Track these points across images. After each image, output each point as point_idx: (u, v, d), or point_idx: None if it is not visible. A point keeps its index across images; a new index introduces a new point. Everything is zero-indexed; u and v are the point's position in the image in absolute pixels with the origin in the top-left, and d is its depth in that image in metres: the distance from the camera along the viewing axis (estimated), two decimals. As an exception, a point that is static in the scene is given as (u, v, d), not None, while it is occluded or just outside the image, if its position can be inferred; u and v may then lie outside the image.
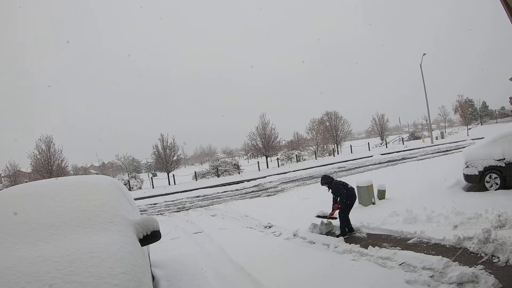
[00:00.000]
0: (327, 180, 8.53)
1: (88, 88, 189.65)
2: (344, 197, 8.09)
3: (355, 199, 8.40)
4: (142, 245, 3.96)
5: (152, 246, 5.82)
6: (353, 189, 8.46)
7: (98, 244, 3.31)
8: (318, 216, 8.71)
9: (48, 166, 31.19)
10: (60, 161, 32.31)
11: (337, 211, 8.25)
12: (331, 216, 8.49)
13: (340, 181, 8.49)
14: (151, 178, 35.82)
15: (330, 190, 8.43)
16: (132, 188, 32.27)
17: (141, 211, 17.05)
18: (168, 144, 36.08)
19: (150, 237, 4.09)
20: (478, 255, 5.73)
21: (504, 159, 9.92)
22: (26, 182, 26.81)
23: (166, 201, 21.85)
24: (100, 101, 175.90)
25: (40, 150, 31.61)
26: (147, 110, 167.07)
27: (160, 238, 4.23)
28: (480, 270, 5.10)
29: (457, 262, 5.53)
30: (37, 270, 2.86)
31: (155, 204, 21.29)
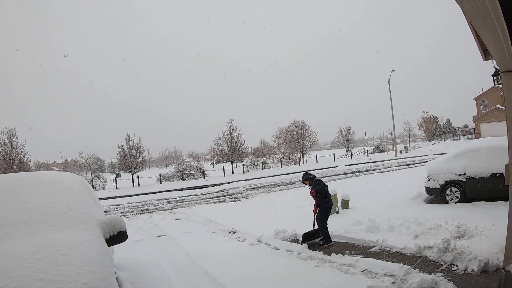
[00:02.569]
0: (309, 177, 8.59)
1: (55, 86, 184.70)
2: (316, 189, 8.09)
3: (331, 204, 8.40)
4: (108, 245, 3.92)
5: (115, 247, 5.75)
6: (330, 195, 8.46)
7: (66, 242, 3.27)
8: (306, 238, 8.35)
9: (9, 161, 29.98)
10: (22, 156, 31.08)
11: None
12: (316, 230, 8.45)
13: (322, 184, 8.40)
14: (115, 178, 35.23)
15: (311, 187, 8.37)
16: (95, 187, 31.58)
17: (104, 212, 16.74)
18: (134, 144, 35.50)
19: (117, 237, 4.06)
20: (438, 263, 5.96)
21: (465, 174, 10.33)
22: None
23: (129, 203, 21.54)
24: (64, 98, 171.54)
25: (2, 143, 30.27)
26: (115, 111, 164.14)
27: (127, 238, 4.20)
28: (439, 277, 5.30)
29: (417, 269, 5.73)
30: (4, 266, 2.80)
31: (118, 205, 20.93)
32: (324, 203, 8.14)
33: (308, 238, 8.33)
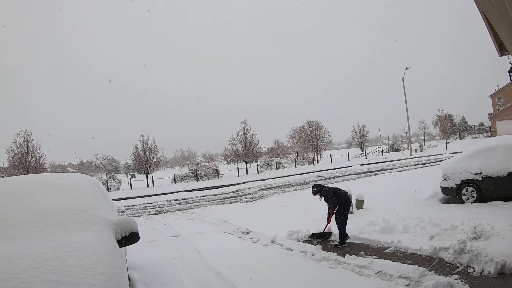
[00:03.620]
0: (318, 188, 8.51)
1: (69, 88, 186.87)
2: (334, 202, 8.04)
3: (350, 203, 8.39)
4: (120, 246, 3.90)
5: (128, 248, 5.77)
6: (346, 192, 8.36)
7: (76, 244, 3.26)
8: (312, 236, 8.82)
9: (25, 162, 30.48)
10: (38, 158, 31.61)
11: (332, 222, 8.27)
12: (325, 233, 8.57)
13: (331, 187, 8.44)
14: (130, 179, 35.49)
15: (322, 198, 8.38)
16: (110, 188, 31.84)
17: (119, 212, 16.85)
18: (148, 145, 35.74)
19: (129, 238, 4.04)
20: (454, 265, 5.86)
21: (481, 173, 10.14)
22: (2, 177, 26.15)
23: (144, 203, 21.69)
24: (79, 101, 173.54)
25: (18, 145, 30.87)
26: (130, 113, 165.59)
27: (139, 239, 4.18)
28: (455, 279, 5.21)
29: (433, 271, 5.64)
30: (14, 267, 2.79)
31: (132, 205, 21.10)
32: (343, 207, 8.12)
33: (315, 237, 8.70)
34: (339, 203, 8.07)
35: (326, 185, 8.70)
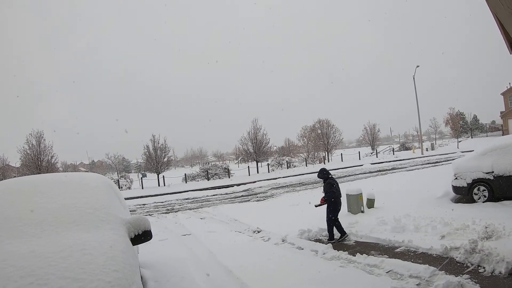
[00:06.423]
0: (323, 175, 8.75)
1: (81, 88, 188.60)
2: (331, 196, 8.31)
3: (340, 205, 8.51)
4: (133, 244, 3.95)
5: (140, 246, 5.83)
6: (340, 195, 8.60)
7: (90, 242, 3.31)
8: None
9: (37, 162, 30.79)
10: (49, 157, 31.89)
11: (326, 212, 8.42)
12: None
13: (335, 181, 8.62)
14: (141, 178, 35.62)
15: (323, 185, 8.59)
16: (122, 187, 32.10)
17: (130, 211, 16.95)
18: (159, 145, 35.85)
19: (142, 236, 4.08)
20: (465, 265, 5.84)
21: (493, 172, 10.04)
22: (14, 176, 26.45)
23: (155, 202, 21.84)
24: (92, 100, 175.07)
25: (30, 145, 31.16)
26: (140, 112, 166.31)
27: (151, 238, 4.22)
28: (466, 279, 5.20)
29: (443, 271, 5.62)
30: (30, 265, 2.85)
31: (144, 204, 21.24)
32: (329, 197, 8.38)
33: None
34: (334, 199, 8.33)
35: (332, 176, 8.84)
